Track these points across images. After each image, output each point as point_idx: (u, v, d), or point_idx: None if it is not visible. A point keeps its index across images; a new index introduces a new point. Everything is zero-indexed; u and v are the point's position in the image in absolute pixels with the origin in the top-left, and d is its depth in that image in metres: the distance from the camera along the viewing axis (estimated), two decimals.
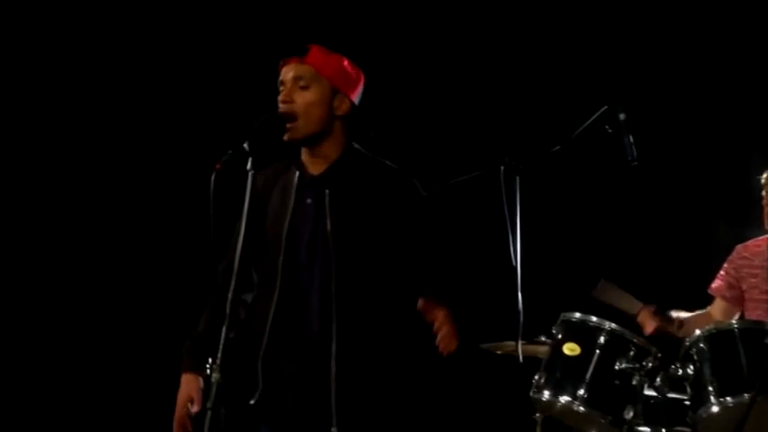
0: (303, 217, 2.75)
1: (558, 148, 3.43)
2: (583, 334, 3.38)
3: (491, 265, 3.51)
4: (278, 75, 2.78)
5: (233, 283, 2.46)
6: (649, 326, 3.55)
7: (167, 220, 4.63)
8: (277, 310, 2.70)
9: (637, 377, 3.32)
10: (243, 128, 2.52)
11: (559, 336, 3.44)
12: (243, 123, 2.56)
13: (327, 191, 2.71)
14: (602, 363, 3.32)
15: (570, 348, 3.36)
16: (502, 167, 3.38)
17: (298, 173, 2.78)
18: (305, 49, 2.77)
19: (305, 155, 2.81)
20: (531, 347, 3.57)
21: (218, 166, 2.45)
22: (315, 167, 2.78)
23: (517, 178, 3.33)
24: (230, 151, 2.48)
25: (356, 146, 2.79)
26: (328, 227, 2.70)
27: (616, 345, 3.34)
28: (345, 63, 2.80)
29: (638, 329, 3.51)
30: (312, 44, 2.76)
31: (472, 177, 3.55)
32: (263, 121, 2.62)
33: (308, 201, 2.75)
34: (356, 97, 2.80)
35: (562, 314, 3.48)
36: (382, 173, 2.77)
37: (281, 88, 2.76)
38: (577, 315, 3.44)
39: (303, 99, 2.72)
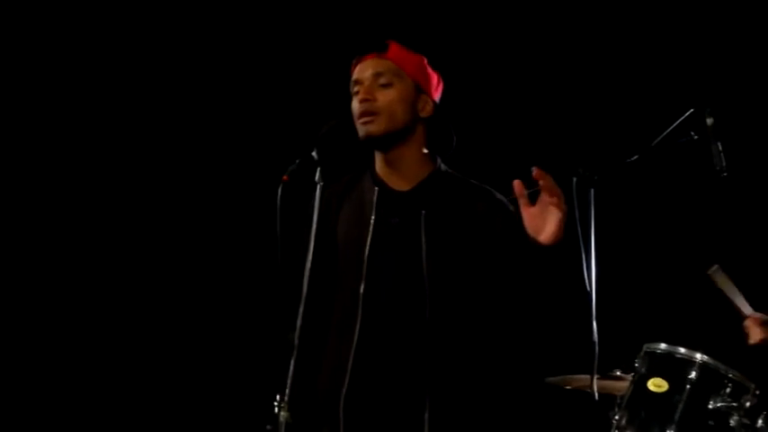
0: (388, 239, 2.52)
1: (637, 157, 3.13)
2: (670, 367, 3.04)
3: (561, 290, 3.11)
4: (349, 75, 2.55)
5: (302, 310, 2.23)
6: (756, 335, 3.23)
7: (223, 233, 4.52)
8: (359, 344, 2.47)
9: (735, 417, 2.95)
10: (310, 134, 2.36)
11: (643, 370, 3.09)
12: (310, 129, 2.40)
13: (424, 212, 2.50)
14: (694, 401, 2.97)
15: (656, 384, 3.01)
16: (574, 179, 3.04)
17: (377, 189, 2.56)
18: (384, 45, 2.59)
19: (382, 166, 2.60)
20: (608, 383, 3.29)
21: (285, 178, 2.24)
22: (398, 182, 2.59)
23: (591, 191, 3.01)
24: (298, 160, 2.27)
25: (444, 167, 2.63)
26: (423, 252, 2.48)
27: (709, 380, 2.99)
28: (425, 62, 2.65)
29: (724, 356, 3.12)
30: (390, 40, 2.62)
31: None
32: (333, 127, 2.38)
33: (395, 221, 2.53)
34: (438, 99, 2.65)
35: (645, 345, 3.14)
36: (476, 195, 2.59)
37: (357, 88, 2.57)
38: (663, 346, 3.10)
39: (386, 97, 2.55)
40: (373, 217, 2.51)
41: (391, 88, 2.55)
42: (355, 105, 2.57)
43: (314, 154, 2.27)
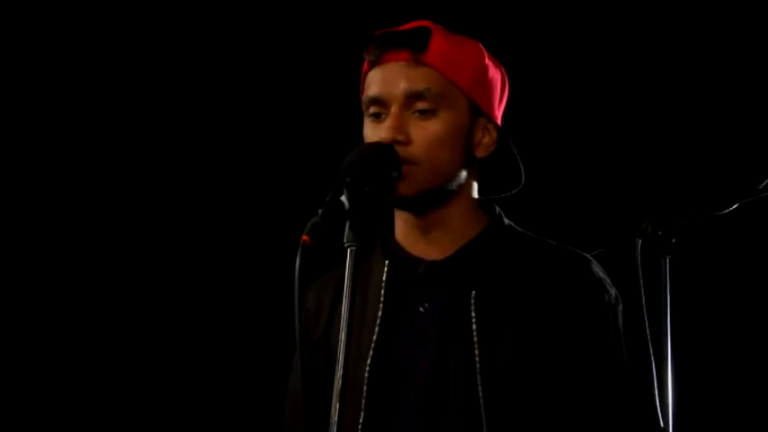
0: (408, 339, 1.75)
1: (737, 205, 2.42)
2: None
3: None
4: (359, 75, 1.80)
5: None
6: None
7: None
8: None
9: None
10: (334, 164, 1.72)
11: None
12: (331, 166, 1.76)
13: (474, 291, 1.72)
14: None
15: None
16: (639, 240, 2.31)
17: (387, 262, 1.77)
18: (423, 35, 1.73)
19: (406, 228, 1.79)
20: None
21: (305, 239, 1.61)
22: (427, 248, 1.78)
23: (666, 260, 2.26)
24: (321, 210, 1.63)
25: (506, 221, 1.84)
26: (477, 356, 1.69)
27: None
28: (486, 56, 1.79)
29: None
30: (429, 24, 1.77)
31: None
32: (373, 153, 1.68)
33: (423, 308, 1.74)
34: (501, 115, 1.84)
35: None
36: (556, 265, 1.78)
37: (376, 109, 1.75)
38: None
39: (427, 135, 1.71)
40: (381, 307, 1.76)
41: (435, 119, 1.71)
42: (373, 140, 1.78)
43: (344, 200, 1.62)
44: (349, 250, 1.57)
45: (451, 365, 1.70)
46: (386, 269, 1.76)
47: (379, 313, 1.74)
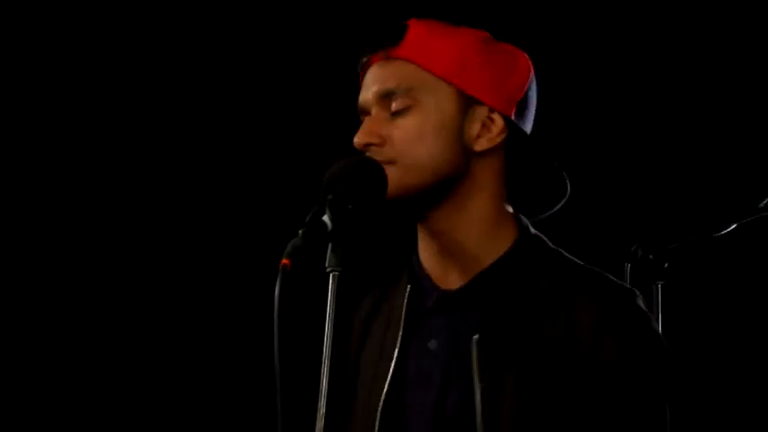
0: (417, 377, 1.61)
1: (734, 226, 2.28)
2: None
3: None
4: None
5: None
6: None
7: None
8: None
9: None
10: (316, 178, 1.59)
11: None
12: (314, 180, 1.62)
13: (476, 337, 1.54)
14: None
15: None
16: (628, 265, 2.18)
17: (409, 287, 1.63)
18: (398, 31, 1.60)
19: (421, 242, 1.64)
20: None
21: (285, 263, 1.47)
22: (448, 274, 1.61)
23: (659, 286, 2.11)
24: (302, 231, 1.49)
25: (533, 231, 1.64)
26: (477, 398, 1.52)
27: None
28: (483, 39, 1.62)
29: None
30: (417, 20, 1.64)
31: None
32: (358, 166, 1.56)
33: (431, 344, 1.59)
34: (527, 116, 1.64)
35: None
36: (583, 294, 1.55)
37: (363, 120, 1.64)
38: None
39: (402, 131, 1.58)
40: (400, 338, 1.62)
41: (410, 115, 1.58)
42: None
43: (326, 219, 1.49)
44: (331, 276, 1.42)
45: (451, 414, 1.56)
46: (406, 301, 1.63)
47: (398, 345, 1.61)
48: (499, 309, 1.55)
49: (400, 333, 1.61)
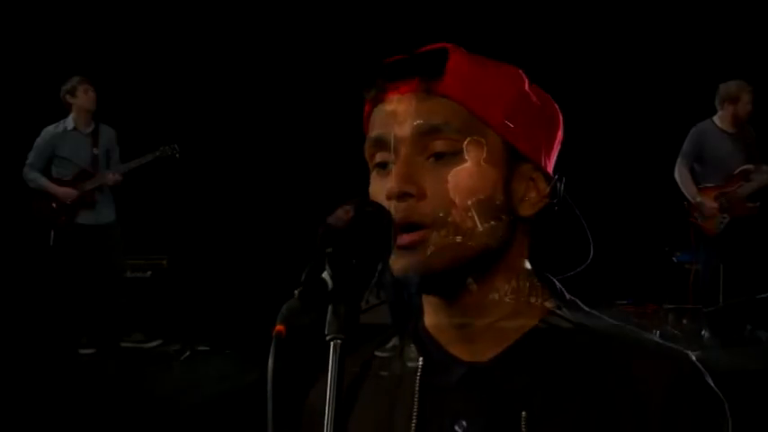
0: None
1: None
2: None
3: None
4: (362, 116, 1.33)
5: None
6: None
7: None
8: None
9: None
10: (317, 224, 1.22)
11: None
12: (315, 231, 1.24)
13: (524, 413, 1.26)
14: None
15: None
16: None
17: (421, 360, 1.33)
18: (438, 59, 1.28)
19: (432, 310, 1.34)
20: None
21: (279, 329, 1.16)
22: (466, 343, 1.32)
23: None
24: (298, 291, 1.17)
25: (569, 296, 1.35)
26: None
27: None
28: (526, 83, 1.32)
29: None
30: (449, 46, 1.30)
31: None
32: (365, 216, 1.19)
33: (460, 427, 1.29)
34: (552, 164, 1.35)
35: None
36: (640, 365, 1.27)
37: (381, 157, 1.30)
38: None
39: (446, 186, 1.26)
40: (414, 420, 1.31)
41: (456, 165, 1.27)
42: (381, 199, 1.29)
43: (326, 277, 1.17)
44: (332, 344, 1.16)
45: None
46: (419, 370, 1.34)
47: (413, 429, 1.32)
48: (543, 381, 1.29)
49: (415, 413, 1.33)
